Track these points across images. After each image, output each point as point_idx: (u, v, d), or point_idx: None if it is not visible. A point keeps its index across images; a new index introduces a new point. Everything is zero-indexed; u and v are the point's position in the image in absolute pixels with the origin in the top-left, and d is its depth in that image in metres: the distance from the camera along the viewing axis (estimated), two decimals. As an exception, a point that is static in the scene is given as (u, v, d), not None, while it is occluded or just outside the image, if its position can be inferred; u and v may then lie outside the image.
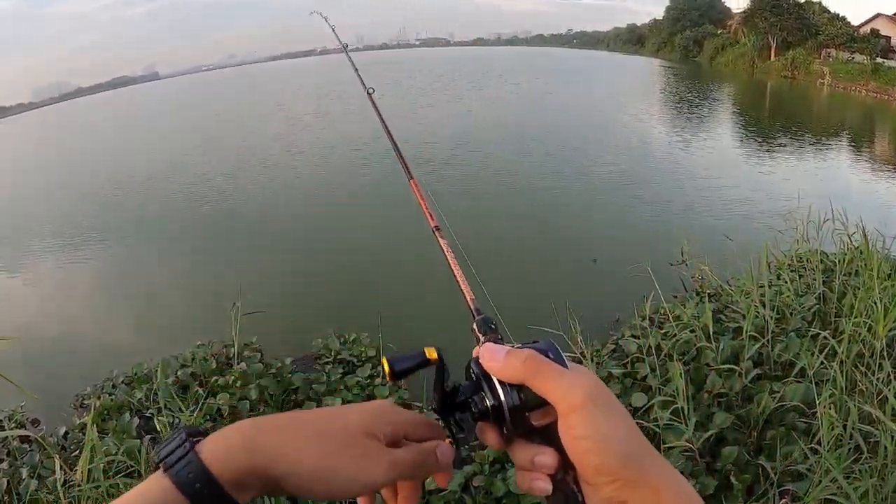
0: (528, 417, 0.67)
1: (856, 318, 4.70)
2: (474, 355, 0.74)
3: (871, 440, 3.39)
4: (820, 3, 54.80)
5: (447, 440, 0.73)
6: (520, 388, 0.66)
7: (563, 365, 0.68)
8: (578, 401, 0.63)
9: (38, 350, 7.48)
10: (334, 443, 0.65)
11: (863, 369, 4.15)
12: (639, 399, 4.49)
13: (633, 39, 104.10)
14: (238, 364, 5.71)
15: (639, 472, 0.63)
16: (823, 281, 6.22)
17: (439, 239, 0.96)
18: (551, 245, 10.50)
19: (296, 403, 5.29)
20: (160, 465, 0.61)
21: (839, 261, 6.55)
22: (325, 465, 0.64)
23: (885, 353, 4.28)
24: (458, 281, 0.88)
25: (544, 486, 0.69)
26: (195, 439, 0.63)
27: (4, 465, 4.45)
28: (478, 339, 0.79)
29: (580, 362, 5.34)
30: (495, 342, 0.76)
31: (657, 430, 3.85)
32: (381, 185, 14.83)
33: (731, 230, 10.00)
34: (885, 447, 3.17)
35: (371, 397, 5.45)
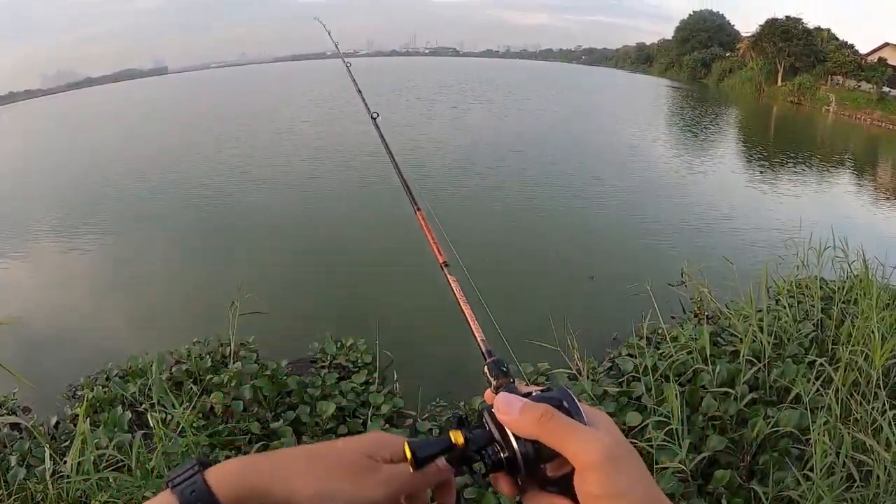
0: (543, 469, 0.66)
1: (853, 346, 4.71)
2: (487, 401, 0.74)
3: (864, 469, 3.39)
4: (829, 31, 55.24)
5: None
6: (535, 442, 0.65)
7: (580, 417, 0.67)
8: (595, 459, 0.61)
9: (31, 338, 7.46)
10: (331, 465, 0.70)
11: (858, 398, 4.16)
12: (633, 418, 4.49)
13: (641, 58, 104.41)
14: (233, 363, 5.70)
15: None
16: (822, 308, 6.23)
17: (448, 276, 0.93)
18: (549, 260, 10.47)
19: (289, 406, 5.27)
20: (168, 485, 0.66)
21: (838, 288, 6.57)
22: (324, 487, 0.67)
23: (881, 383, 4.28)
24: (468, 322, 0.86)
25: None
26: (203, 466, 0.68)
27: (-6, 452, 4.43)
28: (489, 383, 0.78)
29: (576, 378, 5.37)
30: (507, 388, 0.74)
31: (651, 449, 3.85)
32: (387, 193, 14.86)
33: (732, 254, 9.97)
34: (878, 476, 3.17)
35: (365, 404, 5.45)
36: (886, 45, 49.35)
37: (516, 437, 0.65)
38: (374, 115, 1.79)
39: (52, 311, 8.69)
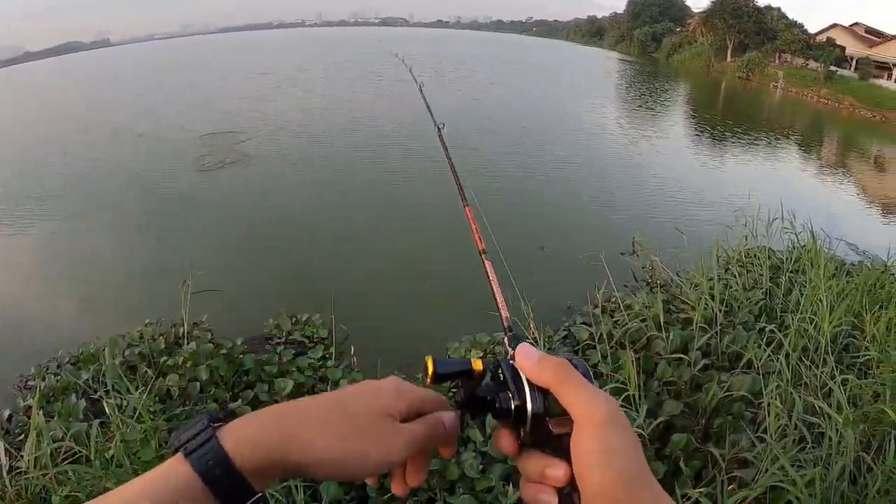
0: (547, 423, 0.68)
1: (801, 314, 4.84)
2: (509, 357, 0.75)
3: (815, 431, 3.49)
4: (779, 10, 56.36)
5: (453, 410, 0.76)
6: (545, 394, 0.67)
7: (591, 381, 0.69)
8: (597, 416, 0.63)
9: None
10: (352, 426, 0.68)
11: (807, 363, 4.27)
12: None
13: (592, 31, 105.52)
14: (188, 344, 5.58)
15: (637, 497, 0.62)
16: (770, 277, 6.41)
17: (485, 261, 1.02)
18: (501, 232, 10.46)
19: (247, 385, 5.19)
20: (180, 449, 0.62)
21: (786, 258, 6.75)
22: (345, 449, 0.66)
23: (829, 349, 4.41)
24: (497, 304, 0.92)
25: (551, 499, 0.68)
26: (216, 425, 0.64)
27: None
28: (506, 352, 0.81)
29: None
30: None
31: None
32: (336, 165, 14.69)
33: (682, 225, 10.17)
34: (830, 437, 3.27)
35: (323, 379, 5.41)
36: (835, 25, 50.72)
37: (530, 386, 0.68)
38: (440, 126, 1.85)
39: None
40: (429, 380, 0.73)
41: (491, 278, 0.99)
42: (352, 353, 5.97)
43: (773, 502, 3.15)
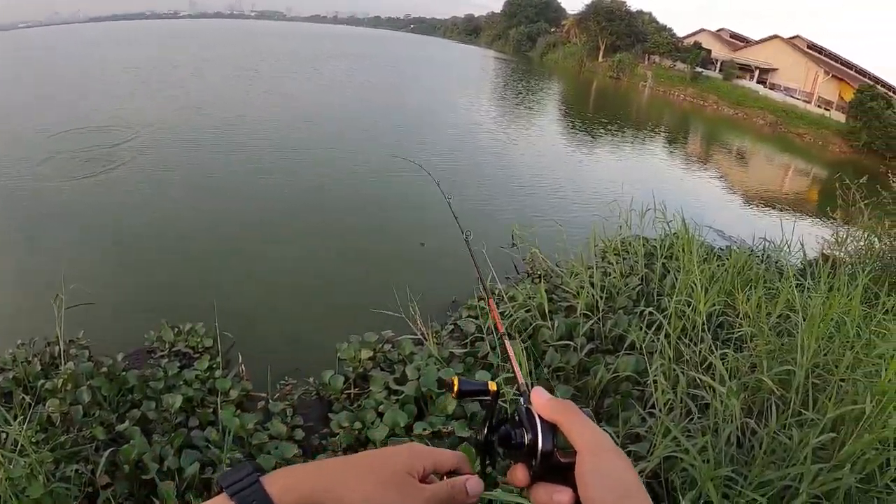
0: (556, 453, 0.78)
1: (678, 296, 5.08)
2: (524, 404, 0.89)
3: (700, 402, 3.67)
4: (650, 14, 59.55)
5: (475, 474, 0.86)
6: (553, 431, 0.79)
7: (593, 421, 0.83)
8: (596, 445, 0.75)
9: None
10: (376, 481, 0.78)
11: (687, 341, 4.49)
12: (482, 377, 4.59)
13: (469, 30, 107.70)
14: (65, 364, 5.12)
15: None
16: (646, 264, 6.72)
17: (506, 342, 1.14)
18: (381, 231, 10.45)
19: (133, 404, 4.82)
20: (225, 489, 0.72)
21: (660, 246, 7.07)
22: (373, 500, 0.76)
23: (705, 327, 4.65)
24: (517, 377, 1.01)
25: None
26: (258, 473, 0.75)
27: None
28: (521, 395, 0.93)
29: (422, 343, 5.45)
30: None
31: (504, 405, 3.96)
32: (213, 167, 14.12)
33: (561, 218, 10.48)
34: (716, 408, 3.44)
35: (212, 391, 5.13)
36: (703, 30, 54.42)
37: (542, 423, 0.80)
38: (468, 234, 1.90)
39: None
40: (453, 396, 0.89)
41: (510, 355, 1.10)
42: (240, 361, 5.73)
43: (668, 471, 3.30)
